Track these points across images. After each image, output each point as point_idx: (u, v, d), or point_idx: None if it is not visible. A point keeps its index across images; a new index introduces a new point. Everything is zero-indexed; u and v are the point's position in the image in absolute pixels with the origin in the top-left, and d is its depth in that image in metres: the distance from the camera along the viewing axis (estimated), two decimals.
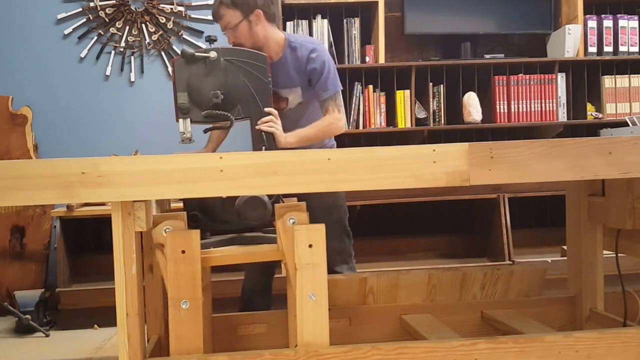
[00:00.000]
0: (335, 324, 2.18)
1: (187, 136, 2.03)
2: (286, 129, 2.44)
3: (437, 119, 3.71)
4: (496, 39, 3.96)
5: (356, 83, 3.63)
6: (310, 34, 3.64)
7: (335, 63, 3.60)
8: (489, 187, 3.49)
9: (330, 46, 3.65)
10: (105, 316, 3.02)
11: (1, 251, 3.56)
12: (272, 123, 2.32)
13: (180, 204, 2.13)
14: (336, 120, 2.55)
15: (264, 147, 2.05)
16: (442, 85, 3.68)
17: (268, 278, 2.77)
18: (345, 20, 3.67)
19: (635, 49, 3.84)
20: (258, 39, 2.48)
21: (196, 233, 1.71)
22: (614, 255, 2.14)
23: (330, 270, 2.72)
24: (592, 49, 3.80)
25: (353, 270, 2.80)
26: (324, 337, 1.69)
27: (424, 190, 3.28)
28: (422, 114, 3.71)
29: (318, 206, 2.39)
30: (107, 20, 3.77)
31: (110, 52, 3.79)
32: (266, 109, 2.29)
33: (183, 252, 1.68)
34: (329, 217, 2.59)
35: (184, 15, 3.83)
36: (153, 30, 3.80)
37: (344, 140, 3.74)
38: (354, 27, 3.67)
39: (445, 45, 3.94)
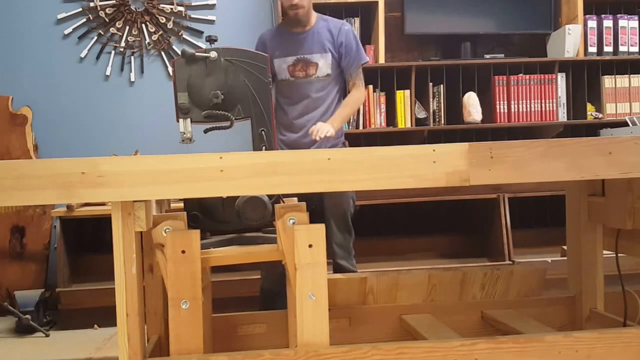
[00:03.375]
0: (335, 324, 2.18)
1: (187, 136, 2.03)
2: (312, 98, 2.88)
3: (437, 119, 3.71)
4: (496, 39, 3.96)
5: None
6: None
7: None
8: (489, 187, 3.49)
9: None
10: (105, 316, 3.02)
11: (1, 251, 3.56)
12: (320, 131, 2.71)
13: (181, 204, 2.13)
14: (362, 94, 3.00)
15: (264, 147, 2.05)
16: (442, 85, 3.68)
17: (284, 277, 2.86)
18: (345, 20, 3.67)
19: (635, 49, 3.84)
20: (310, 4, 2.90)
21: (196, 233, 1.71)
22: (614, 255, 2.14)
23: (333, 262, 2.81)
24: (592, 49, 3.80)
25: (354, 268, 2.85)
26: (324, 337, 1.69)
27: (424, 190, 3.28)
28: (422, 114, 3.71)
29: (328, 195, 2.76)
30: (107, 20, 3.77)
31: (110, 52, 3.80)
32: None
33: (183, 252, 1.68)
34: (335, 210, 2.71)
35: (184, 15, 3.83)
36: (153, 30, 3.80)
37: None
38: (354, 27, 3.67)
39: (445, 45, 3.94)
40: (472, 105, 3.66)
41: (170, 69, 3.74)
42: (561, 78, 3.76)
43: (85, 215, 3.27)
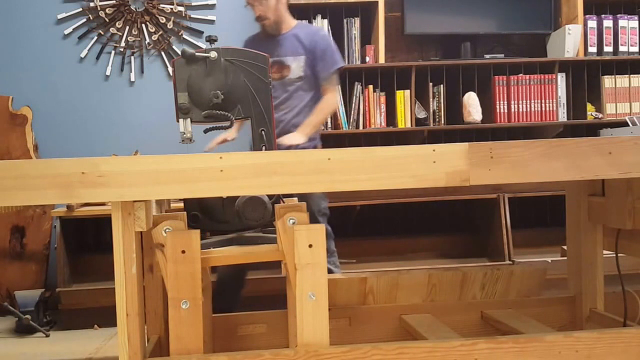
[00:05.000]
0: (335, 324, 2.18)
1: (187, 136, 2.03)
2: (284, 98, 2.92)
3: (437, 119, 3.71)
4: (496, 39, 3.95)
5: (356, 83, 3.63)
6: None
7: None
8: (489, 187, 3.49)
9: None
10: (105, 316, 3.02)
11: (1, 251, 3.56)
12: (289, 140, 2.74)
13: (181, 204, 2.13)
14: (334, 100, 3.00)
15: (264, 147, 2.05)
16: (442, 85, 3.68)
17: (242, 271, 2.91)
18: (345, 20, 3.67)
19: (635, 49, 3.84)
20: (279, 14, 2.93)
21: (196, 233, 1.71)
22: (614, 255, 2.14)
23: None
24: (592, 49, 3.80)
25: (333, 266, 2.91)
26: (324, 337, 1.69)
27: (424, 190, 3.28)
28: (422, 114, 3.71)
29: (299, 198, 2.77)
30: (107, 20, 3.77)
31: (110, 52, 3.79)
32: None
33: (183, 252, 1.68)
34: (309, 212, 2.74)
35: (184, 15, 3.83)
36: (153, 30, 3.80)
37: (344, 140, 3.75)
38: (354, 27, 3.67)
39: (445, 45, 3.94)
40: (472, 105, 3.66)
41: (170, 69, 3.74)
42: (561, 78, 3.76)
43: (85, 215, 3.27)
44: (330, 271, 2.88)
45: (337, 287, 2.28)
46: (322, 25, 3.63)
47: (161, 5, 3.81)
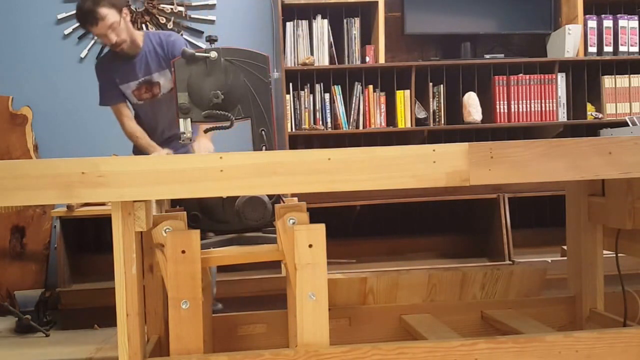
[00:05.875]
0: (335, 324, 2.18)
1: (187, 136, 2.03)
2: (163, 115, 2.83)
3: (437, 119, 3.71)
4: (496, 39, 3.96)
5: (356, 83, 3.63)
6: (311, 34, 3.64)
7: (335, 63, 3.66)
8: (489, 187, 3.49)
9: (330, 46, 3.65)
10: (105, 316, 3.02)
11: (1, 251, 3.56)
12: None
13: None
14: None
15: (264, 147, 2.05)
16: (442, 85, 3.68)
17: None
18: (345, 20, 3.68)
19: (635, 49, 3.84)
20: (131, 31, 2.80)
21: (196, 233, 1.71)
22: (614, 255, 2.14)
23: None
24: (592, 49, 3.80)
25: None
26: (324, 337, 1.68)
27: (424, 190, 3.28)
28: (422, 114, 3.71)
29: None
30: None
31: None
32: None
33: (183, 252, 1.68)
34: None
35: (184, 15, 3.83)
36: (153, 30, 3.80)
37: (344, 140, 3.75)
38: (354, 27, 3.67)
39: (445, 45, 3.94)
40: (472, 105, 3.66)
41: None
42: (561, 78, 3.76)
43: (85, 215, 3.27)
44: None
45: (337, 287, 2.28)
46: (322, 25, 3.63)
47: (161, 5, 3.81)
